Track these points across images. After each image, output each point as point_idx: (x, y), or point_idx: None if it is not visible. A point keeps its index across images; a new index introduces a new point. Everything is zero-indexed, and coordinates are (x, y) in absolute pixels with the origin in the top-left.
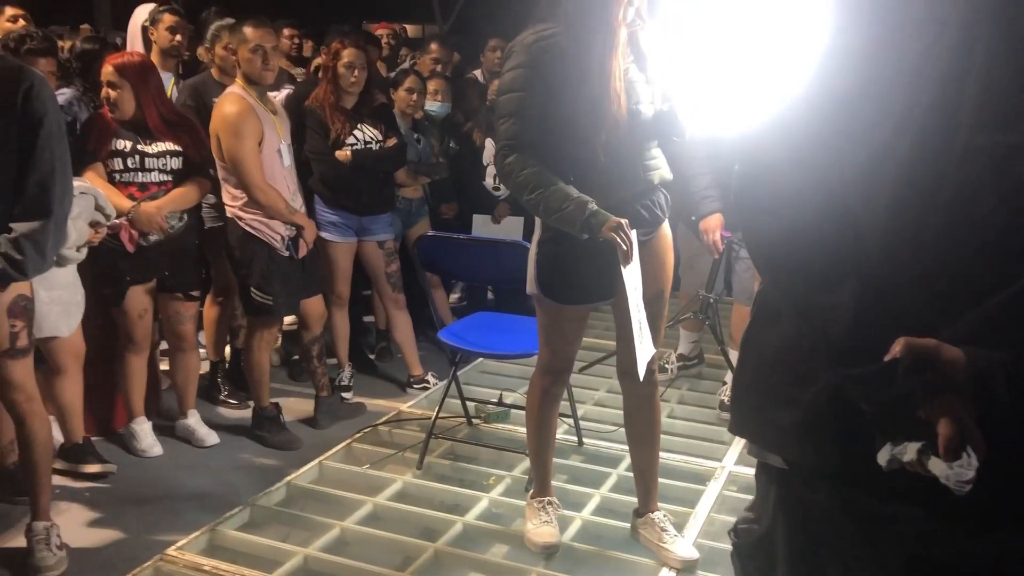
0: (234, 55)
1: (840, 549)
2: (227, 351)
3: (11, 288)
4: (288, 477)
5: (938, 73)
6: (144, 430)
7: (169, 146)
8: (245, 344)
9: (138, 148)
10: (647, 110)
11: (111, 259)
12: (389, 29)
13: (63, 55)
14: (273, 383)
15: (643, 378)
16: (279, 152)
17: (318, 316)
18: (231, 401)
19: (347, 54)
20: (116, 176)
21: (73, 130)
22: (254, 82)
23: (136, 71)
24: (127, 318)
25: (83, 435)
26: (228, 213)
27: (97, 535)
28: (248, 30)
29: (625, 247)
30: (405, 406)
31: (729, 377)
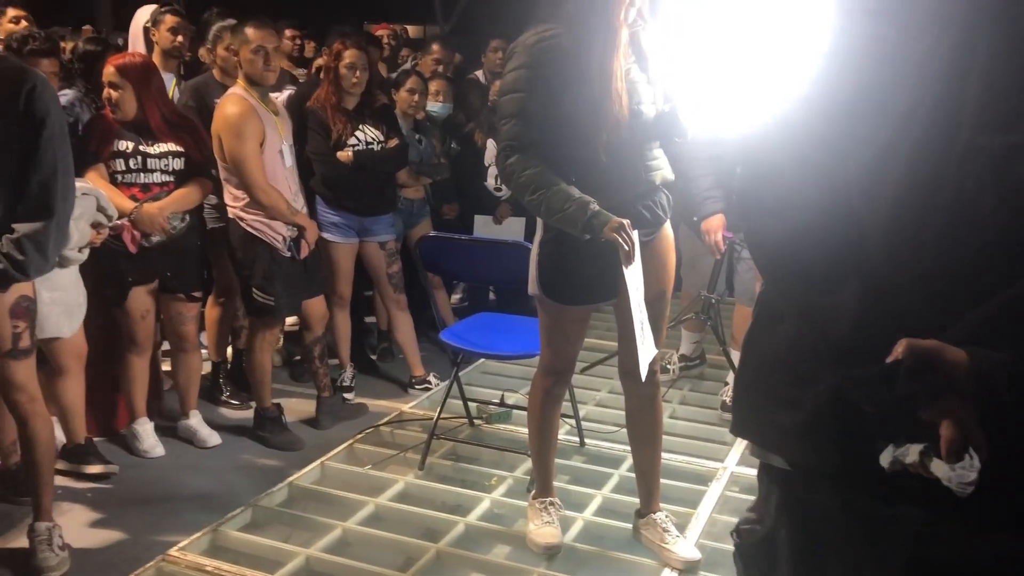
0: (236, 56)
1: (842, 550)
2: (229, 352)
3: (13, 289)
4: (290, 478)
5: (940, 73)
6: (146, 431)
7: (171, 147)
8: (247, 345)
9: (140, 149)
10: (649, 110)
11: (113, 260)
12: (389, 29)
13: (65, 56)
14: (275, 384)
15: (645, 379)
16: (281, 153)
17: (320, 317)
18: (233, 402)
19: (349, 55)
20: (118, 177)
21: (75, 131)
22: (256, 83)
23: (138, 72)
24: (129, 319)
25: (85, 436)
26: (230, 214)
27: (99, 536)
28: (250, 31)
29: (627, 248)
30: (407, 407)
31: (731, 378)
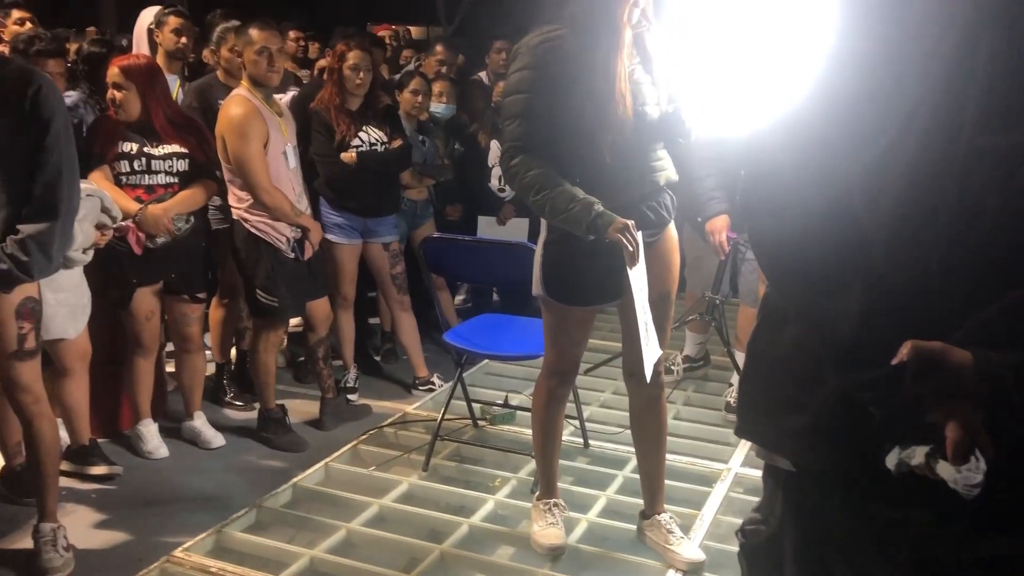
0: (240, 57)
1: (847, 551)
2: (233, 353)
3: (18, 290)
4: (294, 479)
5: (942, 74)
6: (150, 432)
7: (175, 148)
8: (251, 346)
9: (144, 150)
10: (653, 111)
11: (118, 261)
12: (391, 30)
13: (69, 58)
14: (279, 385)
15: (649, 380)
16: (285, 154)
17: (324, 318)
18: (237, 403)
19: (352, 56)
20: (122, 178)
21: (79, 132)
22: (260, 84)
23: (142, 73)
24: (134, 320)
25: (89, 437)
26: (234, 215)
27: (103, 536)
28: (254, 32)
29: (631, 248)
30: (411, 408)
31: (735, 379)
